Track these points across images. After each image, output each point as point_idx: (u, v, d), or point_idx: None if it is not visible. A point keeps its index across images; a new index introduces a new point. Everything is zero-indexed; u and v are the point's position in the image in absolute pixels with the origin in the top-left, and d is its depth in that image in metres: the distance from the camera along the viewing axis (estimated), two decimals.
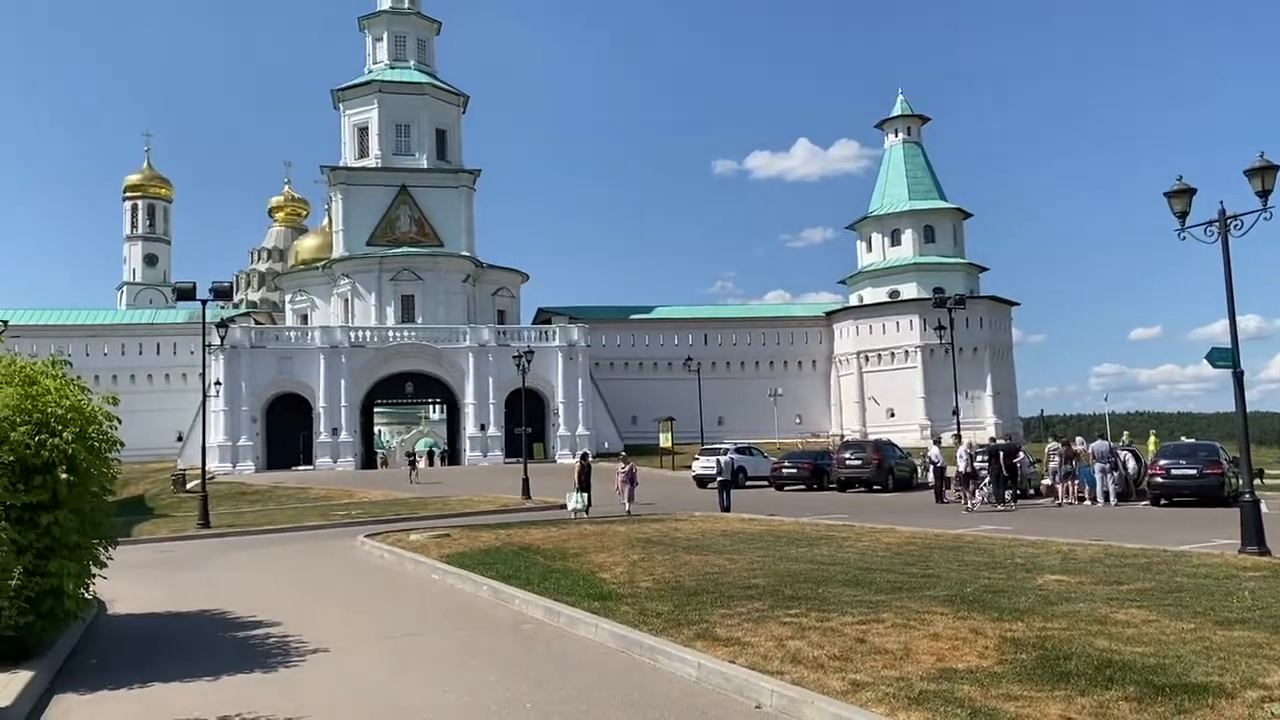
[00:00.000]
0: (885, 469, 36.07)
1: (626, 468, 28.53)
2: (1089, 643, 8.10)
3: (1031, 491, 30.93)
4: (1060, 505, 27.29)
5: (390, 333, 65.03)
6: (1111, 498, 26.78)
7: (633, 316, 77.16)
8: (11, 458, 8.83)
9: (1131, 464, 29.47)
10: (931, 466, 31.40)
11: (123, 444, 10.86)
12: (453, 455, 67.09)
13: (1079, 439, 29.73)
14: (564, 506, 31.52)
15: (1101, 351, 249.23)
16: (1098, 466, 27.00)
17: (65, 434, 9.48)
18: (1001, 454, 26.94)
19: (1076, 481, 28.02)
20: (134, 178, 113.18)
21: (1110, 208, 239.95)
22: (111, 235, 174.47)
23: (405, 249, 70.71)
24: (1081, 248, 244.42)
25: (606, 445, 64.95)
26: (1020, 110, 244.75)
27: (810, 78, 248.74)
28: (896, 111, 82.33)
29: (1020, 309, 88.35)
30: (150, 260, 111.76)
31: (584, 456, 30.23)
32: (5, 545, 7.43)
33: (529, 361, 42.33)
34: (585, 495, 27.25)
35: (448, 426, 74.23)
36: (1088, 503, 27.20)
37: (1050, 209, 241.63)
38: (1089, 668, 7.24)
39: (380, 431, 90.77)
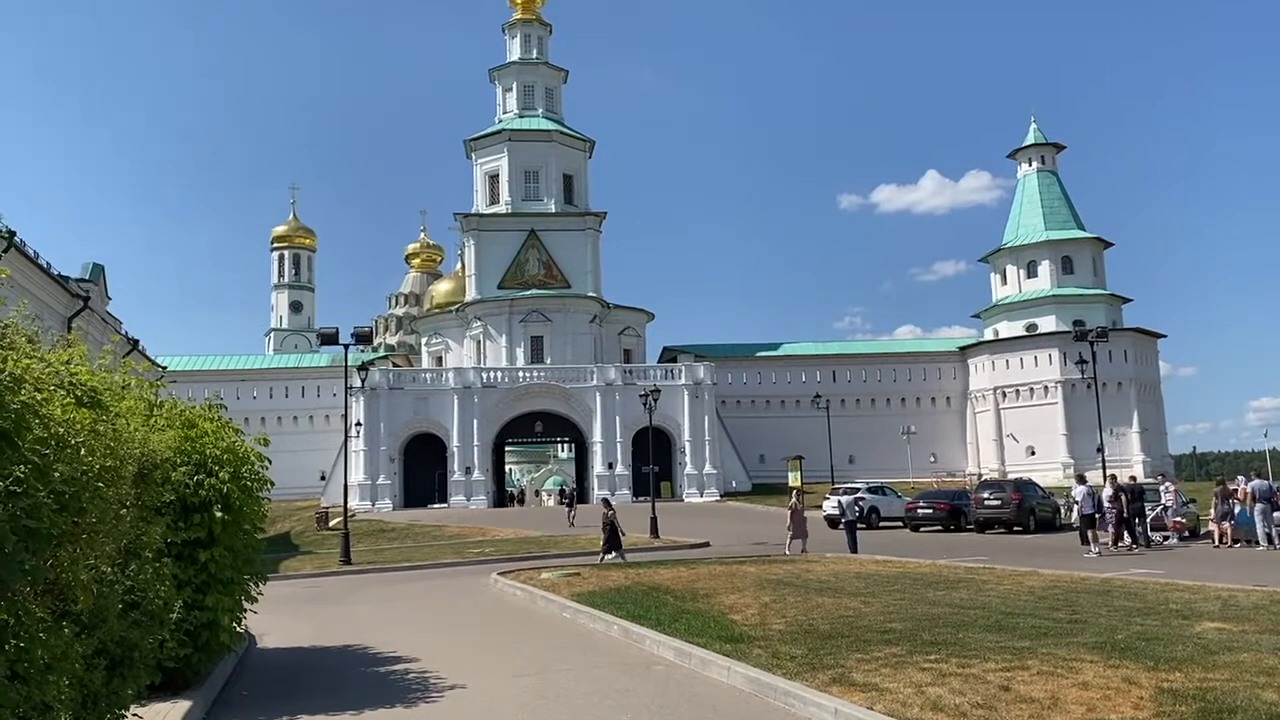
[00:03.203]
0: (1026, 509, 34.76)
1: (798, 505, 27.25)
2: (1256, 695, 7.59)
3: (1186, 533, 29.62)
4: (1217, 547, 25.90)
5: (520, 373, 66.38)
6: (1275, 540, 25.17)
7: (759, 354, 76.76)
8: (173, 497, 9.34)
9: None
10: (1075, 506, 30.14)
11: (273, 484, 11.38)
12: (581, 494, 67.74)
13: (1239, 478, 28.06)
14: (693, 545, 31.52)
15: (1259, 384, 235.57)
16: (1258, 507, 25.42)
17: (221, 474, 10.01)
18: (1124, 495, 25.80)
19: (1232, 523, 26.48)
20: (280, 229, 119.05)
21: (1262, 231, 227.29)
22: (260, 284, 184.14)
23: (534, 291, 72.26)
24: (1232, 275, 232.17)
25: (734, 484, 64.61)
26: (1161, 133, 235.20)
27: (937, 109, 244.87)
28: (1030, 140, 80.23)
29: (1168, 341, 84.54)
30: (295, 307, 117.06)
31: (606, 503, 27.58)
32: (167, 580, 7.85)
33: (655, 400, 42.55)
34: (609, 547, 25.66)
35: (576, 465, 75.06)
36: (1242, 544, 25.70)
37: (1197, 235, 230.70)
38: None
39: (511, 470, 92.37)
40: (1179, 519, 28.73)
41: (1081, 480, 27.06)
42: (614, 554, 25.29)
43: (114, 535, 5.95)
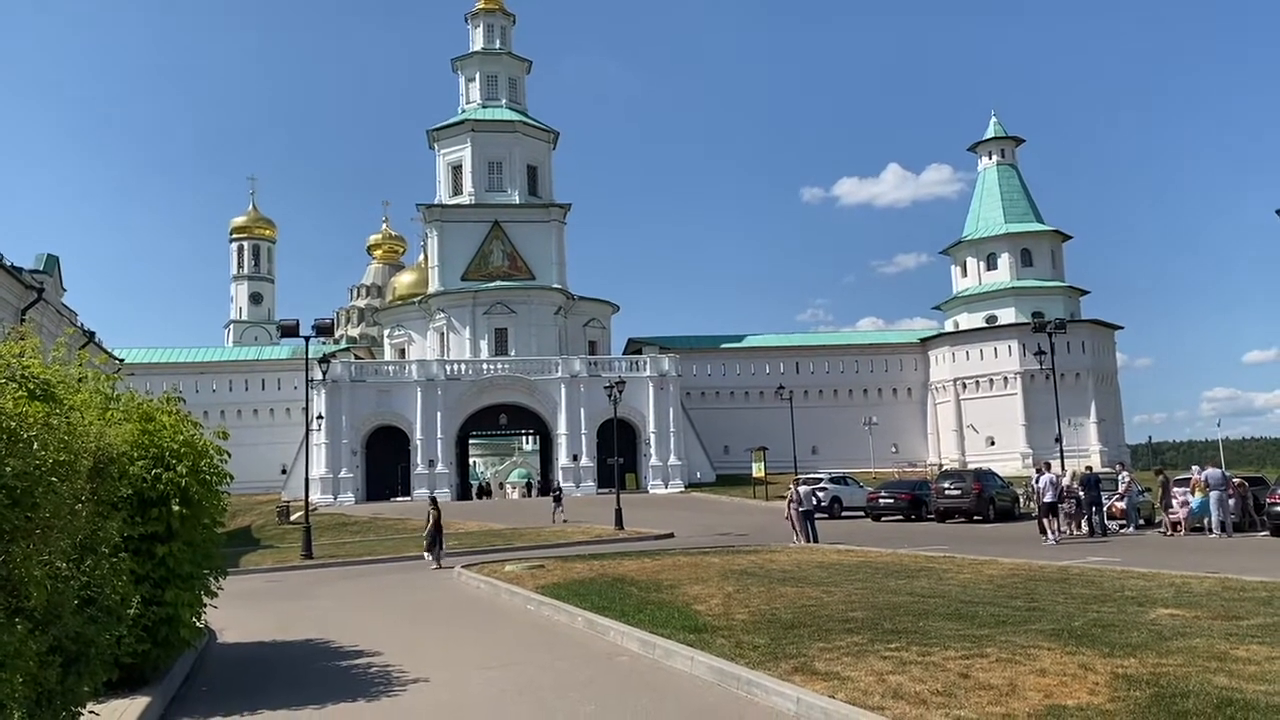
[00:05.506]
0: (986, 499, 35.18)
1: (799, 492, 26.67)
2: (1207, 680, 7.75)
3: (1141, 522, 30.21)
4: (1170, 535, 26.41)
5: (484, 365, 66.07)
6: (1228, 528, 25.69)
7: (723, 346, 76.96)
8: (130, 491, 9.20)
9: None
10: (1036, 494, 30.58)
11: (232, 477, 11.25)
12: (545, 486, 67.65)
13: (1194, 468, 28.59)
14: (657, 537, 31.57)
15: (1213, 375, 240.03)
16: (1213, 495, 25.92)
17: (179, 468, 9.87)
18: (1061, 484, 26.39)
19: (1173, 511, 27.05)
20: (239, 220, 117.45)
21: (1218, 225, 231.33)
22: (219, 275, 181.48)
23: (498, 283, 71.92)
24: (1188, 268, 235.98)
25: (699, 475, 64.81)
26: (1119, 127, 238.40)
27: (899, 103, 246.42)
28: (990, 134, 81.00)
29: (1125, 333, 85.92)
30: (255, 299, 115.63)
31: (432, 502, 27.19)
32: (124, 575, 7.74)
33: (620, 392, 42.59)
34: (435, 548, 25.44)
35: (540, 457, 74.91)
36: (1182, 532, 26.33)
37: (1154, 228, 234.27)
38: (1208, 707, 6.92)
39: (475, 463, 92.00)
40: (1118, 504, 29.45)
41: (1046, 468, 27.44)
42: (430, 556, 24.71)
43: (69, 530, 5.85)
